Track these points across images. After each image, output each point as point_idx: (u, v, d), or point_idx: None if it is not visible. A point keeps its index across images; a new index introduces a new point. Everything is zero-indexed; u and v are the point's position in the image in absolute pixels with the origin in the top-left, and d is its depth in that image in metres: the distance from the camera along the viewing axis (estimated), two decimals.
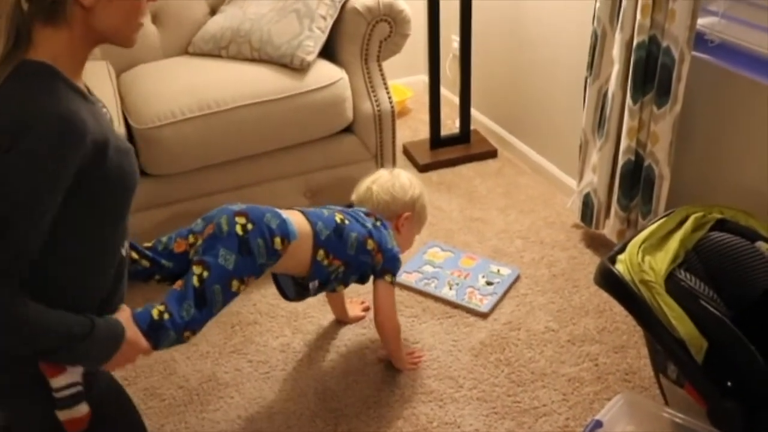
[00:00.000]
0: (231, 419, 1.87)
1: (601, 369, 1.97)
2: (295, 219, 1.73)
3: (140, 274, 1.60)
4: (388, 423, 1.84)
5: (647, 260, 1.64)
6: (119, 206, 1.28)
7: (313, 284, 1.79)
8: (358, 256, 1.83)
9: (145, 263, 1.59)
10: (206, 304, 1.52)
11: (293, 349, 2.08)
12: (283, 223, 1.67)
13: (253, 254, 1.60)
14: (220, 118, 2.18)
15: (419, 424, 1.83)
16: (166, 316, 1.45)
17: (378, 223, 1.92)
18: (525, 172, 2.86)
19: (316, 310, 2.20)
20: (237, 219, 1.61)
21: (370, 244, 1.85)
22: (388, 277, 1.90)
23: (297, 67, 2.29)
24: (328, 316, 2.18)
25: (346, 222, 1.83)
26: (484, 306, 2.17)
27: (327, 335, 2.12)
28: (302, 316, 2.19)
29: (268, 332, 2.14)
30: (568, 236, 2.48)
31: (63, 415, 1.23)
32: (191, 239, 1.63)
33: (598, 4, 2.12)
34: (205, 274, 1.53)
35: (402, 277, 2.29)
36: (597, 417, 1.64)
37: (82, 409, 1.24)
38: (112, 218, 1.27)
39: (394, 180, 2.00)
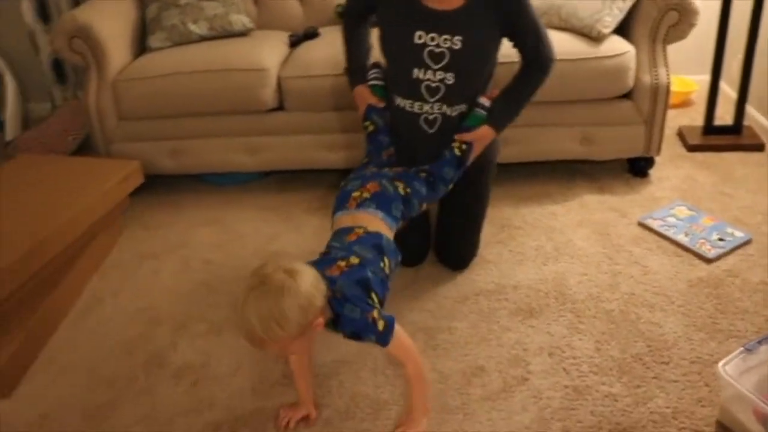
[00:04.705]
0: (485, 283, 2.49)
1: None
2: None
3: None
4: (606, 313, 2.34)
5: None
6: (395, 38, 2.24)
7: None
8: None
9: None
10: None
11: (544, 249, 2.65)
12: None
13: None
14: None
15: (629, 319, 2.31)
16: (371, 128, 2.38)
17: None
18: None
19: (570, 228, 2.75)
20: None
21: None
22: None
23: (594, 37, 2.83)
24: (579, 233, 2.72)
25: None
26: (711, 254, 2.57)
27: (573, 246, 2.66)
28: (558, 231, 2.75)
29: (528, 236, 2.73)
30: None
31: None
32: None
33: None
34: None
35: (647, 220, 2.76)
36: None
37: None
38: (394, 40, 2.26)
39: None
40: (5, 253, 2.36)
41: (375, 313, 1.77)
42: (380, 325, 1.76)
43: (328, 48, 3.00)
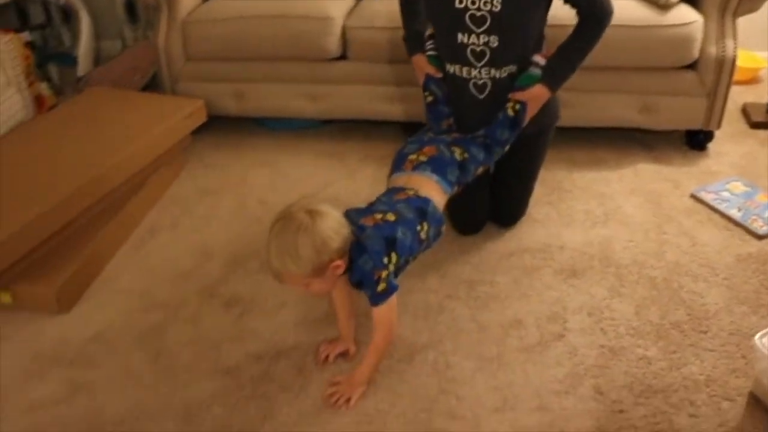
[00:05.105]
0: (531, 241, 2.53)
1: None
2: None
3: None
4: (649, 280, 2.35)
5: None
6: (437, 4, 2.21)
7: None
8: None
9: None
10: None
11: (593, 213, 2.66)
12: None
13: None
14: None
15: (671, 287, 2.32)
16: (429, 99, 2.40)
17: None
18: None
19: (621, 195, 2.76)
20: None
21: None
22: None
23: (662, 5, 2.80)
24: (630, 201, 2.72)
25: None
26: (762, 230, 2.55)
27: (623, 212, 2.66)
28: (609, 197, 2.76)
29: (578, 199, 2.75)
30: None
31: None
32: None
33: None
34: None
35: (701, 193, 2.75)
36: None
37: None
38: (436, 6, 2.23)
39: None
40: (70, 180, 2.47)
41: (383, 273, 1.82)
42: (381, 286, 1.82)
43: (394, 1, 3.01)
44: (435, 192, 2.07)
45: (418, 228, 1.95)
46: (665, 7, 2.80)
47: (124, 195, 2.71)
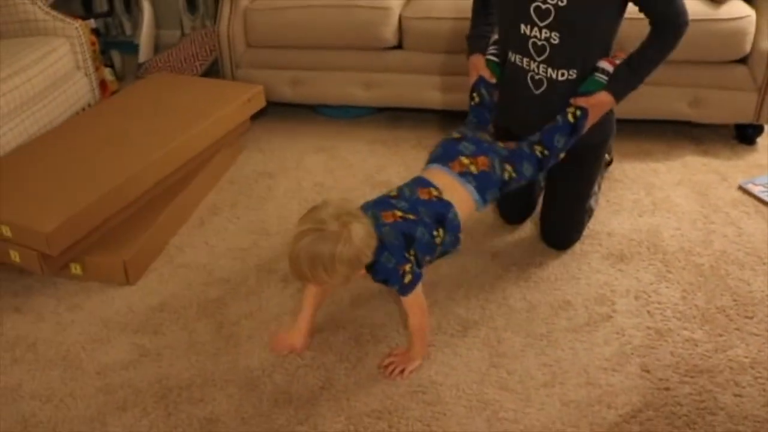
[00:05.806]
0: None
1: None
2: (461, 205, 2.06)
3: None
4: (696, 267, 2.40)
5: None
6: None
7: None
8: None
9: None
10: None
11: (642, 203, 2.72)
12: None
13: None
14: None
15: (718, 274, 2.36)
16: (477, 100, 2.39)
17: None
18: None
19: (669, 186, 2.81)
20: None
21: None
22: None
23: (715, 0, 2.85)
24: (677, 191, 2.78)
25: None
26: None
27: (671, 202, 2.71)
28: (657, 187, 2.81)
29: (627, 189, 2.81)
30: None
31: None
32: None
33: None
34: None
35: (748, 185, 2.79)
36: None
37: None
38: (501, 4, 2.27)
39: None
40: (136, 160, 2.59)
41: (407, 267, 1.87)
42: (407, 278, 1.88)
43: None
44: (466, 207, 2.05)
45: (435, 233, 1.95)
46: (718, 2, 2.83)
47: (187, 176, 2.83)
